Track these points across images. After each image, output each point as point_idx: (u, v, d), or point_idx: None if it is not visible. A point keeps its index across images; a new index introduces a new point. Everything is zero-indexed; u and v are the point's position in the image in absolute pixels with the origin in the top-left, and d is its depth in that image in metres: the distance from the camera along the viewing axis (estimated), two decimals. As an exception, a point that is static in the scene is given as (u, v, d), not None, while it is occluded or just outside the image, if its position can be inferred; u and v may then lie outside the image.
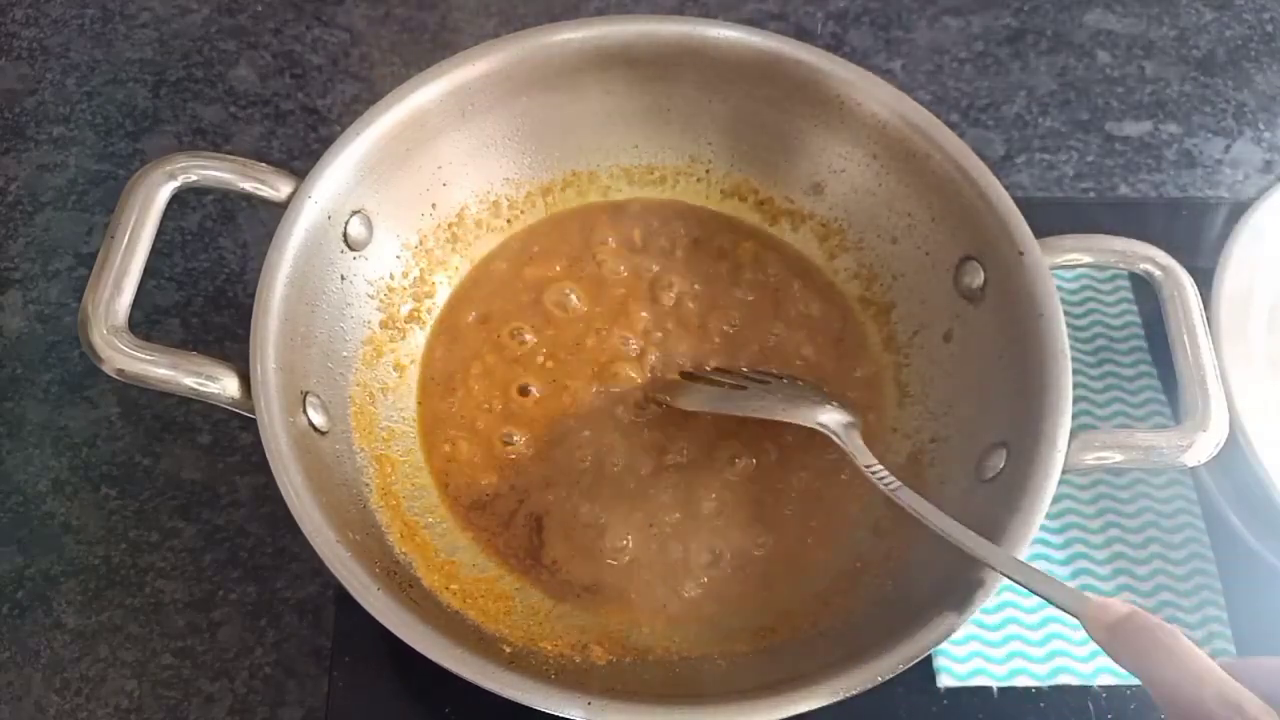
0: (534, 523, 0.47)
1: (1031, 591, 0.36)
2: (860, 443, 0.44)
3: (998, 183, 0.47)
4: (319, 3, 0.70)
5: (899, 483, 0.42)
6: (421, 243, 0.52)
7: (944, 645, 0.44)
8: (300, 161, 0.63)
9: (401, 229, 0.51)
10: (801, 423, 0.46)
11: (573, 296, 0.52)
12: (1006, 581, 0.38)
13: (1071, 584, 0.49)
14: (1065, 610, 0.35)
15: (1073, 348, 0.44)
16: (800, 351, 0.52)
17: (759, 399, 0.47)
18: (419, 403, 0.50)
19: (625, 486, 0.48)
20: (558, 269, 0.54)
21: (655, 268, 0.54)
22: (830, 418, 0.45)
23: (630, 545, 0.46)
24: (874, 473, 0.43)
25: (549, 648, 0.43)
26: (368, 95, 0.65)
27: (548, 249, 0.54)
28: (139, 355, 0.40)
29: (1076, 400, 0.42)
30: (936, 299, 0.50)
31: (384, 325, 0.50)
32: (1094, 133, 0.67)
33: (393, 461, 0.47)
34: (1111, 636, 0.33)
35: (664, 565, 0.46)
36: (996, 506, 0.41)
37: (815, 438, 0.50)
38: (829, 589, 0.46)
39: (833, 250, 0.54)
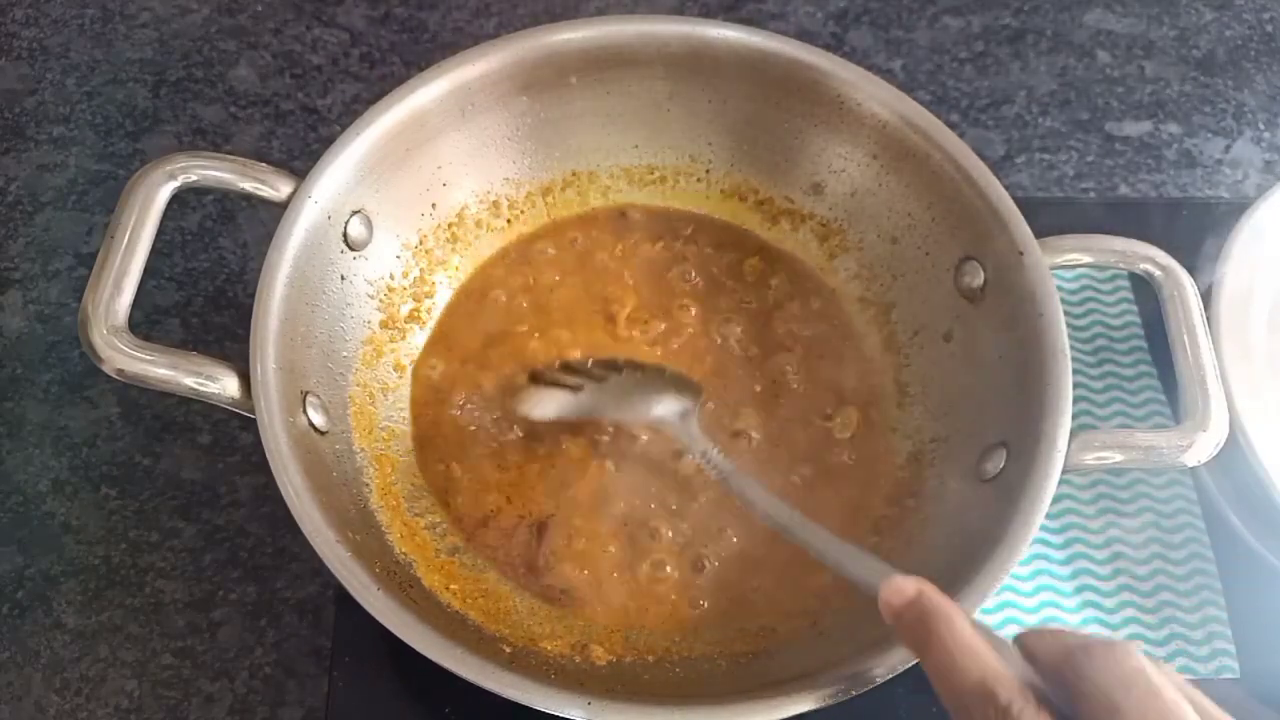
0: (535, 530, 0.47)
1: (832, 564, 0.38)
2: (695, 430, 0.46)
3: (998, 183, 0.47)
4: (319, 3, 0.69)
5: (733, 467, 0.44)
6: (421, 243, 0.52)
7: (944, 645, 0.44)
8: (300, 161, 0.63)
9: (401, 229, 0.51)
10: (636, 420, 0.47)
11: (570, 301, 0.53)
12: (1007, 581, 0.38)
13: (1071, 584, 0.49)
14: (863, 587, 0.36)
15: (1073, 348, 0.44)
16: (800, 352, 0.52)
17: (594, 398, 0.48)
18: (413, 419, 0.50)
19: (619, 490, 0.48)
20: (556, 277, 0.54)
21: (658, 274, 0.54)
22: (665, 409, 0.47)
23: (623, 548, 0.47)
24: (707, 460, 0.44)
25: (549, 648, 0.43)
26: (368, 95, 0.65)
27: (550, 256, 0.54)
28: (139, 355, 0.40)
29: (1076, 400, 0.42)
30: (936, 299, 0.50)
31: (384, 325, 0.50)
32: (1094, 133, 0.67)
33: (393, 461, 0.47)
34: (896, 620, 0.34)
35: (658, 565, 0.46)
36: (996, 506, 0.41)
37: (815, 434, 0.50)
38: (829, 589, 0.46)
39: (833, 250, 0.54)
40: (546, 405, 0.48)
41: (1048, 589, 0.49)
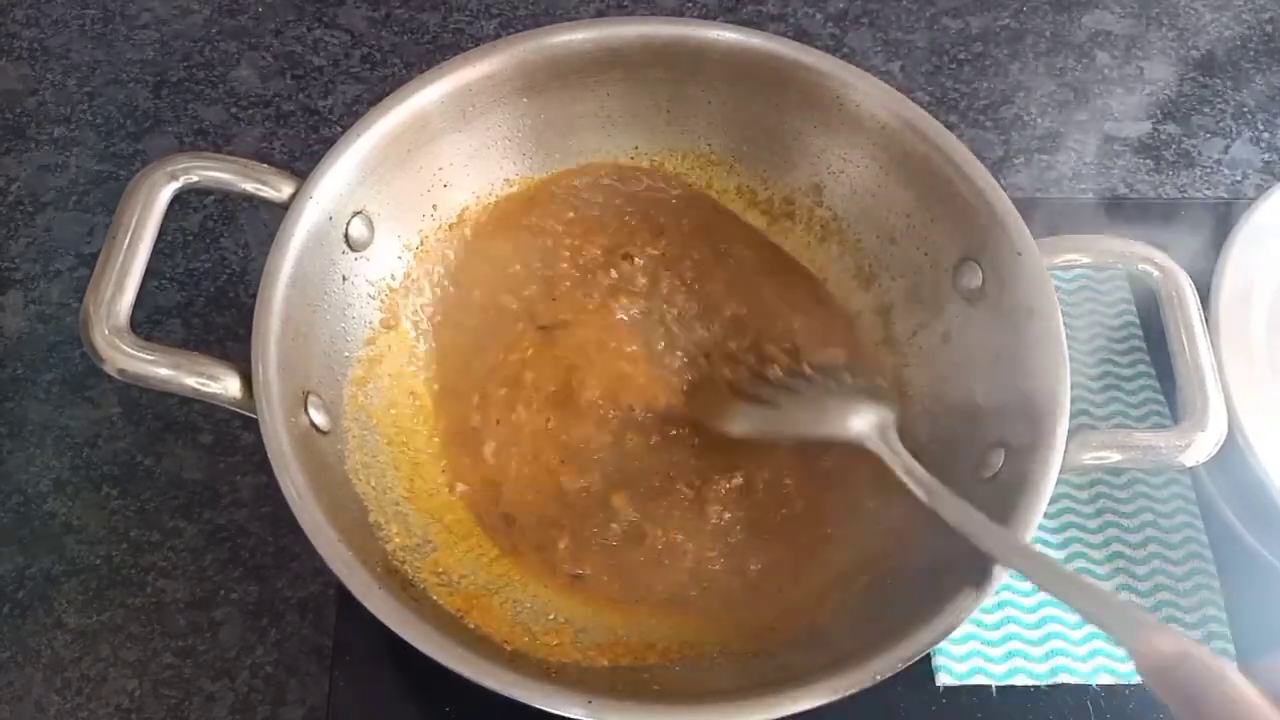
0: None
1: (1073, 609, 0.35)
2: (896, 443, 0.44)
3: (996, 183, 0.47)
4: (320, 4, 0.70)
5: (939, 484, 0.41)
6: (423, 243, 0.52)
7: (943, 644, 0.44)
8: (301, 162, 0.63)
9: (403, 230, 0.51)
10: (831, 436, 0.45)
11: (571, 300, 0.53)
12: (1006, 580, 0.38)
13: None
14: (1110, 636, 0.34)
15: (1071, 348, 0.44)
16: (799, 354, 0.52)
17: (788, 412, 0.47)
18: (414, 418, 0.50)
19: (638, 483, 0.48)
20: (557, 276, 0.54)
21: (656, 263, 0.54)
22: (864, 421, 0.44)
23: (630, 537, 0.47)
24: (912, 477, 0.42)
25: (550, 643, 0.43)
26: (369, 96, 0.66)
27: (550, 255, 0.54)
28: (140, 355, 0.40)
29: (1075, 400, 0.42)
30: (936, 299, 0.50)
31: (385, 325, 0.50)
32: (1093, 133, 0.67)
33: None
34: (1160, 681, 0.31)
35: (660, 558, 0.47)
36: (995, 506, 0.41)
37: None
38: (829, 588, 0.46)
39: (833, 250, 0.54)
40: (740, 422, 0.47)
41: (1047, 588, 0.49)
